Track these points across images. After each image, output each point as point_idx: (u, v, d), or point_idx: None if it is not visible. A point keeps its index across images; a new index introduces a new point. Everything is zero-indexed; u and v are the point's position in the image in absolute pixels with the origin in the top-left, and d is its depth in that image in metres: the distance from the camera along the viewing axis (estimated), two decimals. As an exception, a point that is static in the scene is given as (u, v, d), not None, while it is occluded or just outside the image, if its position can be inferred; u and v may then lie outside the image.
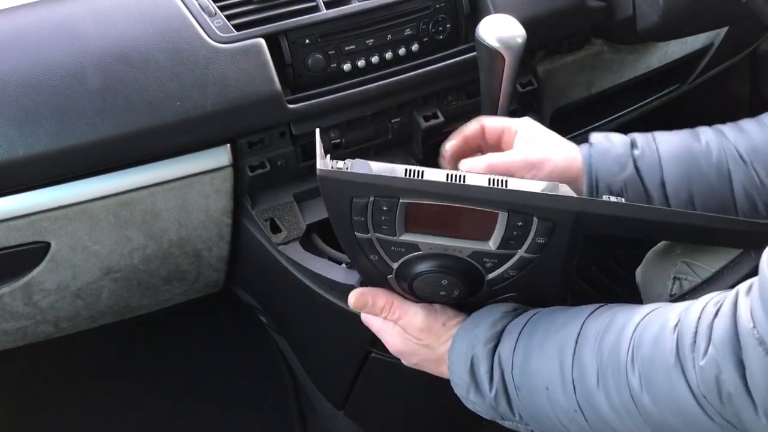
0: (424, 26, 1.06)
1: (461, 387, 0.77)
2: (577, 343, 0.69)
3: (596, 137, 0.86)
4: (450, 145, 0.96)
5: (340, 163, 0.69)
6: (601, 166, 0.83)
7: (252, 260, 1.10)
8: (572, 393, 0.68)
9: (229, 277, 1.19)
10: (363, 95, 1.02)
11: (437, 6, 1.06)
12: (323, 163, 0.68)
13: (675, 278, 0.88)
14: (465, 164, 0.88)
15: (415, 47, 1.06)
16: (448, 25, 1.08)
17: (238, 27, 0.96)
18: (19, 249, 0.95)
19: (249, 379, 1.53)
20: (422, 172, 0.69)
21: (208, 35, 0.94)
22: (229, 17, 0.97)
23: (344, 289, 0.91)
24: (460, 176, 0.69)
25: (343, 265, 0.96)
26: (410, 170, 0.69)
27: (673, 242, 0.96)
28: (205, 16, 0.95)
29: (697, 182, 0.81)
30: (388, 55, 1.04)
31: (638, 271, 0.96)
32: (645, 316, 0.66)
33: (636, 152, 0.83)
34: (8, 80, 0.86)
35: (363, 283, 0.86)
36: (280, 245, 0.98)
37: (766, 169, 0.81)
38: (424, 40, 1.07)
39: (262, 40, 0.96)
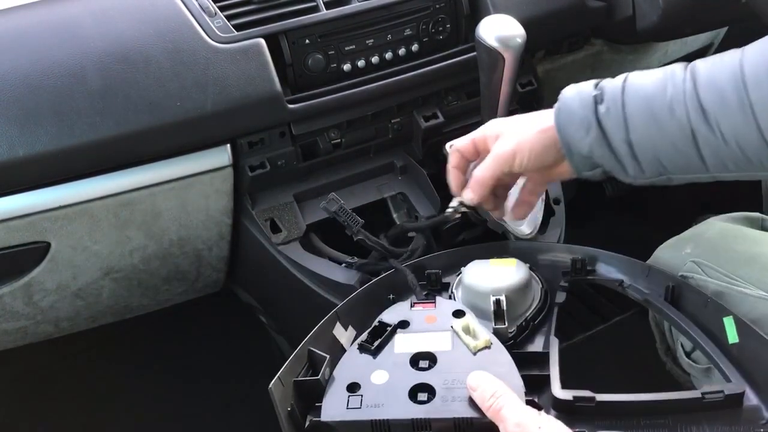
0: (424, 26, 1.06)
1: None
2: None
3: (566, 92, 0.80)
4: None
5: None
6: (568, 130, 0.78)
7: (252, 260, 1.10)
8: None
9: (229, 277, 1.19)
10: (363, 95, 1.02)
11: (437, 6, 1.06)
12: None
13: (682, 276, 0.88)
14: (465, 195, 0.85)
15: (415, 47, 1.06)
16: (448, 25, 1.08)
17: (238, 27, 0.96)
18: (19, 249, 0.95)
19: (249, 379, 1.53)
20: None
21: (208, 35, 0.94)
22: (229, 17, 0.97)
23: (344, 290, 0.91)
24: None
25: (343, 265, 0.96)
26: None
27: (683, 239, 0.96)
28: (205, 16, 0.95)
29: (661, 145, 0.74)
30: (388, 55, 1.04)
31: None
32: None
33: (601, 109, 0.76)
34: (8, 80, 0.86)
35: (362, 283, 0.85)
36: (280, 245, 0.98)
37: (732, 128, 0.69)
38: (424, 40, 1.07)
39: (262, 40, 0.96)
